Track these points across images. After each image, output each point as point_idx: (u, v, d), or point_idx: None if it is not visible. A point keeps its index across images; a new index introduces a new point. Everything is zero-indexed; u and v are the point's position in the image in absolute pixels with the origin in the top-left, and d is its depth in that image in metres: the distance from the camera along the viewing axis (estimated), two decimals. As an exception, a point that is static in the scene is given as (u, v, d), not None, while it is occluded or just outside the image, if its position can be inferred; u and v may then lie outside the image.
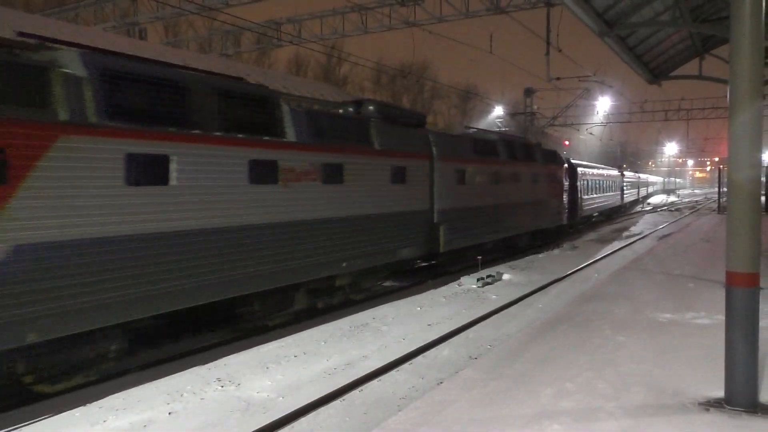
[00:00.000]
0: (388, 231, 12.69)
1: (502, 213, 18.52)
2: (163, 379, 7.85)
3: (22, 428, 6.40)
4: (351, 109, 13.17)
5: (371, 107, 13.22)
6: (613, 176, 41.92)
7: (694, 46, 17.76)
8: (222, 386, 7.58)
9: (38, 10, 32.15)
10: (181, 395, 7.26)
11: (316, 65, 59.31)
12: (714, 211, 41.89)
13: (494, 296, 13.42)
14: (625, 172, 49.01)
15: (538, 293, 13.76)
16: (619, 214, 44.52)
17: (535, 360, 6.93)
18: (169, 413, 6.75)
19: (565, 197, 25.58)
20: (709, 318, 8.83)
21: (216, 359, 8.70)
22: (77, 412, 6.76)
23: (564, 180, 25.21)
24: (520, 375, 6.40)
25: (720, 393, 5.56)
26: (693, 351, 7.19)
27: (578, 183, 28.66)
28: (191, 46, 37.89)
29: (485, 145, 17.91)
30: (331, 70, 59.36)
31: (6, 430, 6.34)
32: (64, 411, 6.81)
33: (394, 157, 12.97)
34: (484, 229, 17.28)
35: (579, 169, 29.24)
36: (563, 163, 25.16)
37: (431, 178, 14.52)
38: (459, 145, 16.34)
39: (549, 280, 15.14)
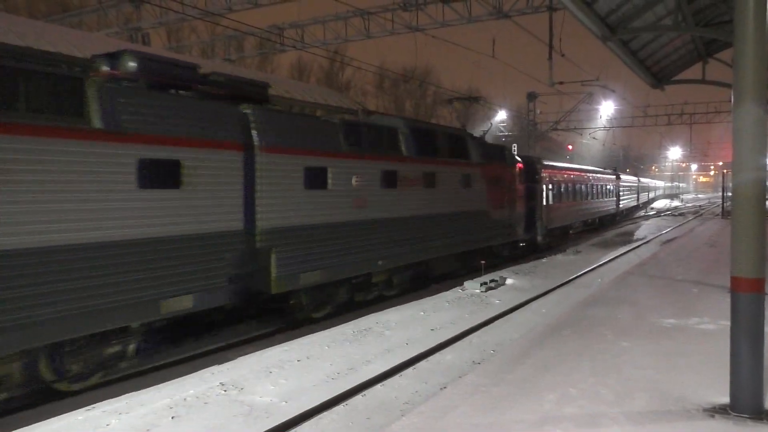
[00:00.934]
0: (133, 269, 7.66)
1: (403, 230, 13.19)
2: (166, 383, 7.85)
3: (25, 430, 6.40)
4: (105, 67, 8.50)
5: (133, 63, 8.41)
6: (605, 179, 36.69)
7: (696, 51, 17.76)
8: (225, 390, 7.58)
9: (42, 16, 32.31)
10: (184, 399, 7.25)
11: (318, 70, 59.52)
12: (718, 215, 41.82)
13: (497, 301, 13.40)
14: (622, 176, 44.78)
15: (542, 298, 13.73)
16: (614, 223, 39.90)
17: (538, 365, 6.91)
18: (172, 417, 6.75)
19: (521, 205, 20.42)
20: (713, 323, 8.80)
21: (219, 363, 8.69)
22: (80, 415, 6.76)
23: (517, 184, 20.03)
24: (523, 380, 6.39)
25: (725, 399, 5.53)
26: (697, 357, 7.16)
27: (542, 187, 23.17)
28: (194, 51, 38.07)
29: (372, 135, 12.41)
30: (333, 75, 59.50)
31: (8, 434, 6.32)
32: (67, 413, 6.81)
33: (153, 144, 7.90)
34: (367, 255, 12.05)
35: (544, 172, 23.83)
36: (515, 163, 20.15)
37: (249, 178, 9.40)
38: (314, 132, 10.88)
39: (552, 285, 15.11)
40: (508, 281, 15.71)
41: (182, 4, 19.33)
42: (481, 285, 14.46)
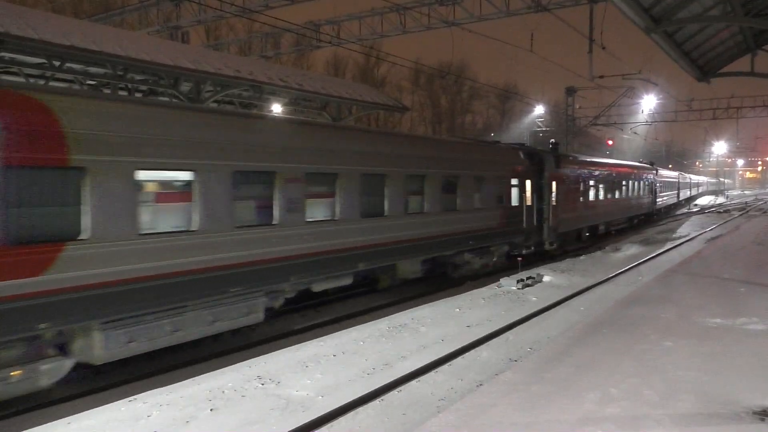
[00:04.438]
0: None
1: None
2: (204, 376, 7.97)
3: (70, 420, 6.58)
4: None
5: None
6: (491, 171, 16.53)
7: (745, 42, 17.09)
8: (262, 384, 7.66)
9: (86, 16, 33.20)
10: (223, 392, 7.35)
11: (354, 66, 59.61)
12: (765, 212, 40.37)
13: (534, 298, 13.20)
14: (607, 167, 26.05)
15: (580, 296, 13.47)
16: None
17: (578, 364, 6.76)
18: (211, 410, 6.85)
19: None
20: (762, 323, 8.47)
21: (256, 357, 8.79)
22: (123, 407, 6.92)
23: None
24: (562, 379, 6.26)
25: (776, 402, 5.32)
26: (746, 358, 6.90)
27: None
28: (231, 48, 38.56)
29: None
30: (368, 71, 59.50)
31: (53, 422, 6.53)
32: (110, 404, 6.99)
33: None
34: None
35: None
36: None
37: None
38: None
39: (591, 283, 14.81)
40: (545, 278, 15.47)
41: (220, 1, 19.57)
42: (518, 282, 14.27)
